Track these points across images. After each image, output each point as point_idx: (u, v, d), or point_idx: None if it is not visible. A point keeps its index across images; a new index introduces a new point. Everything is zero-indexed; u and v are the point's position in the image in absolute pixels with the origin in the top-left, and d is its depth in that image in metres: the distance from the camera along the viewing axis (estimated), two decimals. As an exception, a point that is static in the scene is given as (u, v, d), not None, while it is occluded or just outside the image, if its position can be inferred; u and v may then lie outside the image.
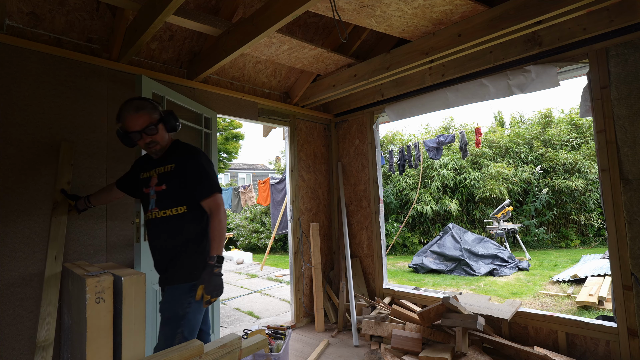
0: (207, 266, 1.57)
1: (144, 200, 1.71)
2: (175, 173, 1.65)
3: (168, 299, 1.62)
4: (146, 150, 1.70)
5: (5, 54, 1.99)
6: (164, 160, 1.70)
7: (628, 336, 2.13)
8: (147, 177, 1.71)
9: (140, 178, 1.75)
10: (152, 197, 1.65)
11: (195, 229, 1.66)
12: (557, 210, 8.29)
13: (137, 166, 1.84)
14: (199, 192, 1.63)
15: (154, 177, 1.68)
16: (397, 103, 3.38)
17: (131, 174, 1.86)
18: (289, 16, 1.95)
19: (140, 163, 1.84)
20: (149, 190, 1.67)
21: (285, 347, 2.53)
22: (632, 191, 2.13)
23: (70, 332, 1.85)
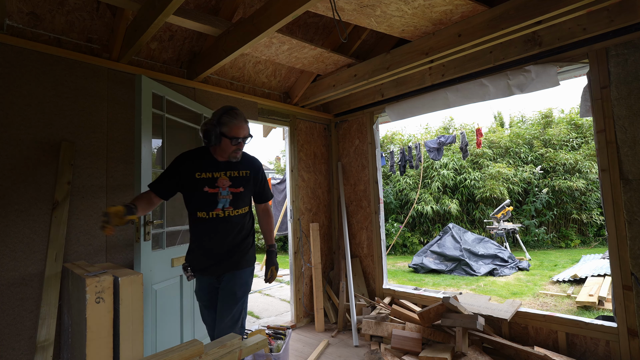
0: (273, 252, 2.02)
1: (204, 198, 1.79)
2: (250, 179, 1.92)
3: (242, 281, 1.88)
4: (231, 155, 1.83)
5: (5, 54, 1.99)
6: (235, 165, 1.88)
7: (628, 336, 2.13)
8: (208, 177, 1.81)
9: (196, 177, 1.79)
10: (223, 197, 1.82)
11: (251, 224, 1.99)
12: (557, 210, 8.29)
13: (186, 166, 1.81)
14: (265, 196, 2.02)
15: (222, 178, 1.83)
16: (397, 103, 3.38)
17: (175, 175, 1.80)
18: (289, 16, 1.95)
19: (192, 163, 1.82)
20: (217, 190, 1.81)
21: (285, 347, 2.53)
22: (632, 191, 2.13)
23: (70, 332, 1.85)
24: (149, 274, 2.13)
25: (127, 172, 2.41)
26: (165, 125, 2.41)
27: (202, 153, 1.88)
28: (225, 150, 1.81)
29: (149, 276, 2.13)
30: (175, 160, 1.85)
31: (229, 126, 1.76)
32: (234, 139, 1.77)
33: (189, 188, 1.81)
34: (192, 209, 1.84)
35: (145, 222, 2.07)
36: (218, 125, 1.76)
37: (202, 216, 1.81)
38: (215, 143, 1.78)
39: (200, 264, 1.86)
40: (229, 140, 1.77)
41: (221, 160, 1.86)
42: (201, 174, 1.80)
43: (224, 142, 1.78)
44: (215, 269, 1.86)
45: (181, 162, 1.83)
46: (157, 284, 2.22)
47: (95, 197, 2.26)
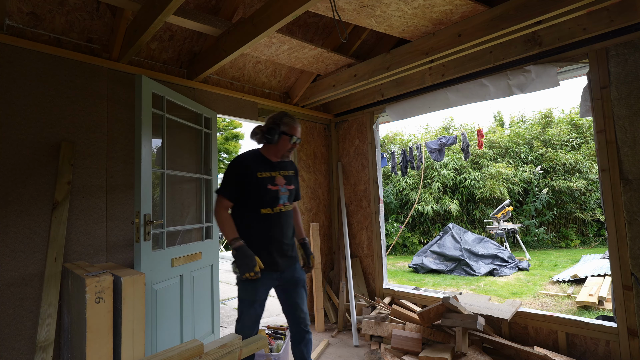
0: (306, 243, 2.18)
1: (268, 195, 1.93)
2: (295, 178, 2.13)
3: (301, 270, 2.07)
4: (285, 154, 2.02)
5: (5, 54, 1.99)
6: (284, 165, 2.06)
7: (628, 336, 2.13)
8: (268, 176, 1.96)
9: (259, 177, 1.92)
10: (283, 193, 1.99)
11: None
12: (557, 210, 8.29)
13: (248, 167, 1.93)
14: (299, 195, 2.18)
15: (279, 177, 2.00)
16: (398, 103, 3.38)
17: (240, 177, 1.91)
18: (289, 16, 1.95)
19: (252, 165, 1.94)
20: (277, 188, 1.97)
21: (285, 347, 2.54)
22: (632, 191, 2.13)
23: (70, 332, 1.85)
24: (149, 274, 2.13)
25: (127, 172, 2.41)
26: (165, 125, 2.41)
27: (256, 155, 2.01)
28: (281, 149, 1.98)
29: (149, 276, 2.13)
30: (235, 164, 1.94)
31: (290, 126, 1.96)
32: (292, 138, 1.96)
33: (253, 187, 1.91)
34: (256, 207, 1.92)
35: (145, 222, 2.08)
36: (279, 126, 1.94)
37: (266, 212, 1.93)
38: (275, 141, 1.94)
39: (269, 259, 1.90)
40: (288, 139, 1.96)
41: (274, 161, 2.02)
42: (262, 173, 1.94)
43: (283, 140, 1.96)
44: (283, 263, 1.96)
45: (242, 165, 1.94)
46: (157, 284, 2.22)
47: (95, 197, 2.26)
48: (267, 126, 1.96)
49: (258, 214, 1.92)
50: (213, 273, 2.84)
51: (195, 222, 2.80)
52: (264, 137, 1.97)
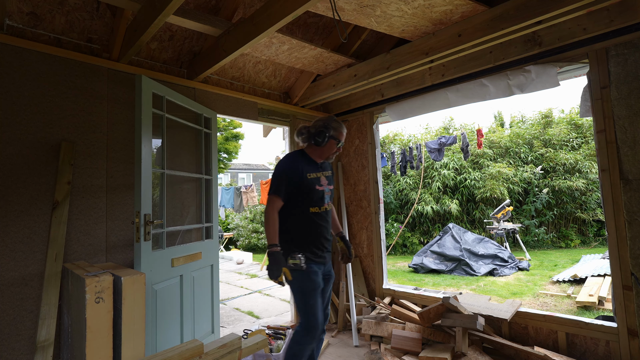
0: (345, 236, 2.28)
1: (316, 196, 2.00)
2: (333, 178, 2.20)
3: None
4: (329, 156, 2.11)
5: (5, 54, 1.99)
6: (325, 166, 2.15)
7: (628, 336, 2.13)
8: (315, 177, 2.04)
9: (308, 178, 1.99)
10: (327, 193, 2.07)
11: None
12: (557, 210, 8.29)
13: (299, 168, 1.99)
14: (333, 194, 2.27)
15: (322, 177, 2.08)
16: (398, 103, 3.38)
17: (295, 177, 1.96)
18: (289, 16, 1.95)
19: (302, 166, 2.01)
20: (323, 188, 2.05)
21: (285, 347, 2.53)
22: (632, 191, 2.13)
23: (70, 332, 1.85)
24: (149, 274, 2.13)
25: (127, 172, 2.41)
26: (165, 125, 2.41)
27: (303, 156, 2.08)
28: (326, 151, 2.07)
29: (149, 276, 2.13)
30: (289, 165, 2.00)
31: (338, 131, 2.04)
32: (339, 142, 2.06)
33: (304, 188, 1.97)
34: (305, 206, 1.99)
35: (145, 222, 2.08)
36: (329, 130, 2.02)
37: (315, 211, 2.01)
38: (323, 144, 2.02)
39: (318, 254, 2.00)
40: (335, 142, 2.04)
41: (318, 162, 2.10)
42: (310, 174, 2.01)
43: (330, 144, 2.04)
44: (327, 258, 2.08)
45: (294, 165, 2.00)
46: (157, 284, 2.22)
47: (95, 197, 2.26)
48: (316, 129, 2.02)
49: (307, 213, 1.99)
50: (213, 273, 2.84)
51: (195, 222, 2.80)
52: (311, 139, 2.04)
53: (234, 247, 10.73)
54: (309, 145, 2.09)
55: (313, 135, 2.03)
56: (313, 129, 2.04)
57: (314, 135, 2.02)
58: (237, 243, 10.68)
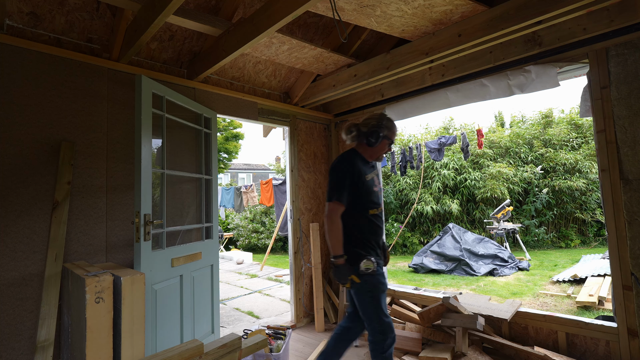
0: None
1: (375, 197, 1.97)
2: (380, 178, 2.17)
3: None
4: (379, 156, 2.04)
5: (5, 54, 1.99)
6: (375, 166, 2.10)
7: (628, 336, 2.13)
8: (371, 178, 1.99)
9: (367, 179, 1.95)
10: (380, 194, 2.04)
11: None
12: (557, 210, 8.28)
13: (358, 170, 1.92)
14: None
15: (375, 178, 2.04)
16: (398, 103, 3.38)
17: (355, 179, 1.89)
18: (289, 16, 1.95)
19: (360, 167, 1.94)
20: (377, 189, 2.02)
21: (285, 347, 2.53)
22: (632, 191, 2.13)
23: (70, 332, 1.85)
24: (149, 274, 2.13)
25: (127, 172, 2.41)
26: (165, 125, 2.41)
27: (358, 156, 1.98)
28: (378, 151, 2.00)
29: (149, 276, 2.13)
30: (348, 167, 1.89)
31: (391, 130, 1.99)
32: (391, 142, 2.01)
33: (364, 190, 1.91)
34: (364, 208, 1.92)
35: (145, 222, 2.08)
36: (382, 129, 1.95)
37: (373, 213, 1.96)
38: (375, 144, 1.96)
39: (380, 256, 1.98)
40: (387, 142, 1.99)
41: (369, 162, 2.04)
42: (367, 175, 1.96)
43: (382, 143, 1.98)
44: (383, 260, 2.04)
45: (354, 168, 1.90)
46: (157, 284, 2.22)
47: (95, 197, 2.26)
48: (368, 128, 1.94)
49: (367, 216, 1.93)
50: (213, 273, 2.84)
51: (195, 222, 2.80)
52: (363, 138, 1.96)
53: (234, 247, 10.73)
54: (360, 144, 2.00)
55: (365, 134, 1.95)
56: (365, 128, 1.95)
57: (366, 135, 1.94)
58: (237, 243, 10.68)
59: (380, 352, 1.86)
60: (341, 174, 1.87)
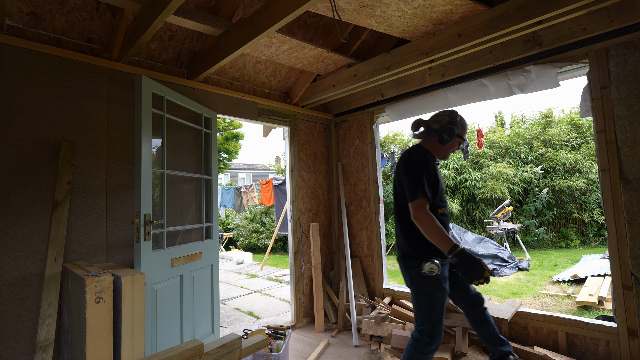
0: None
1: (443, 195, 1.93)
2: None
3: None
4: (446, 155, 1.98)
5: (5, 54, 1.99)
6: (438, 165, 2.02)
7: (628, 336, 2.13)
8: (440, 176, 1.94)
9: (439, 177, 1.92)
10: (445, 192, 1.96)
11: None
12: (557, 210, 8.28)
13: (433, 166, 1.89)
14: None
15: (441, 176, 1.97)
16: (397, 103, 3.38)
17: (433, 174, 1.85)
18: (289, 16, 1.95)
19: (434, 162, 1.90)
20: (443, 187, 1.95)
21: (285, 347, 2.54)
22: (632, 191, 2.13)
23: (70, 332, 1.85)
24: (149, 274, 2.13)
25: (127, 172, 2.41)
26: (165, 125, 2.41)
27: (428, 152, 1.93)
28: (448, 149, 1.95)
29: (149, 276, 2.13)
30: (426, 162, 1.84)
31: (464, 128, 1.94)
32: (463, 140, 1.96)
33: (438, 187, 1.88)
34: (434, 207, 1.87)
35: (145, 222, 2.08)
36: (456, 127, 1.89)
37: (442, 212, 1.91)
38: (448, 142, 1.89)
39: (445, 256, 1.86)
40: (459, 140, 1.94)
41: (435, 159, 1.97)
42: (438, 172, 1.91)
43: (455, 141, 1.92)
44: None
45: (431, 163, 1.86)
46: (157, 284, 2.22)
47: (95, 197, 2.26)
48: (441, 125, 1.88)
49: (437, 214, 1.86)
50: (213, 273, 2.84)
51: (195, 222, 2.81)
52: (434, 135, 1.90)
53: (234, 247, 10.73)
54: (428, 141, 1.94)
55: (437, 131, 1.88)
56: (436, 125, 1.89)
57: (439, 132, 1.88)
58: (237, 243, 10.68)
59: (420, 352, 1.82)
60: (422, 169, 1.81)
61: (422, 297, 1.84)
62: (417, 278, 1.85)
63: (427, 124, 1.94)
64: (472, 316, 2.05)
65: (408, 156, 1.87)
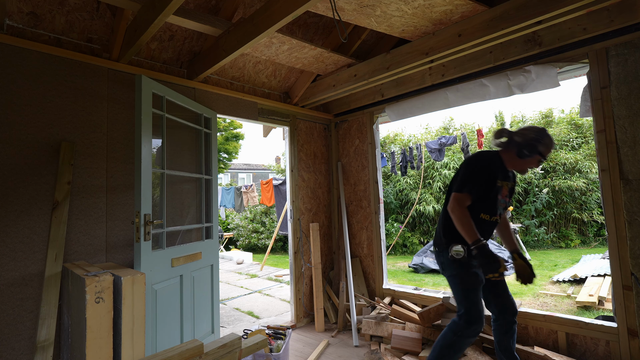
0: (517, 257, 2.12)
1: (494, 204, 1.95)
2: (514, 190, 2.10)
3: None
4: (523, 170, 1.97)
5: (5, 54, 1.99)
6: (511, 177, 2.05)
7: (628, 336, 2.13)
8: (500, 185, 1.95)
9: (497, 185, 1.93)
10: (501, 205, 1.99)
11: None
12: (557, 210, 8.28)
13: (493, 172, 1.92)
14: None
15: (505, 188, 1.99)
16: (397, 103, 3.38)
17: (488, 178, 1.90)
18: (289, 16, 1.95)
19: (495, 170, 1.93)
20: (502, 199, 1.98)
21: (285, 347, 2.54)
22: (632, 191, 2.13)
23: (70, 332, 1.85)
24: (149, 274, 2.13)
25: (127, 172, 2.41)
26: (165, 125, 2.41)
27: (499, 160, 1.96)
28: (525, 164, 1.94)
29: (149, 276, 2.13)
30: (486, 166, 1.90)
31: (549, 148, 1.90)
32: (544, 159, 1.93)
33: (489, 193, 1.92)
34: (478, 210, 1.94)
35: (145, 222, 2.08)
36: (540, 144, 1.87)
37: (484, 218, 1.96)
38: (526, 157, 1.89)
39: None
40: (539, 158, 1.90)
41: (508, 171, 2.00)
42: (500, 181, 1.94)
43: (533, 159, 1.91)
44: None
45: (491, 168, 1.91)
46: (157, 284, 2.22)
47: (95, 197, 2.26)
48: (525, 139, 1.87)
49: (477, 217, 1.93)
50: (213, 273, 2.84)
51: (195, 222, 2.81)
52: (514, 147, 1.90)
53: (234, 247, 10.73)
54: (507, 151, 1.95)
55: (519, 145, 1.88)
56: (520, 138, 1.89)
57: (520, 146, 1.88)
58: (237, 243, 10.68)
59: (454, 333, 1.91)
60: (477, 169, 1.89)
61: (454, 281, 1.96)
62: (447, 263, 1.98)
63: (510, 134, 1.95)
64: (500, 322, 2.06)
65: (476, 156, 1.95)
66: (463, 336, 1.89)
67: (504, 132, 1.97)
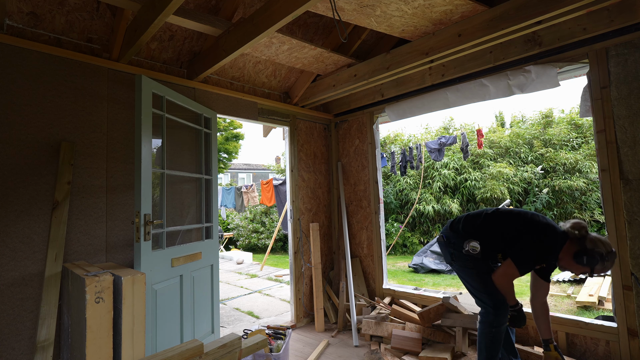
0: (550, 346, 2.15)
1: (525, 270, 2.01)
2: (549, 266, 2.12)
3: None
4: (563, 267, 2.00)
5: (5, 54, 1.99)
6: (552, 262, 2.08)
7: (628, 336, 2.13)
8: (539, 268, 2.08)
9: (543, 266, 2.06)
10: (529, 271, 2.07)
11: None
12: (558, 210, 8.28)
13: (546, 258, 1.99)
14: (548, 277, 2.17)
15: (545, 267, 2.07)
16: (397, 103, 3.38)
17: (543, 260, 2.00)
18: (289, 16, 1.95)
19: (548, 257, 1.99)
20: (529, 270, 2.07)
21: (285, 347, 2.54)
22: (632, 191, 2.13)
23: (70, 332, 1.85)
24: (149, 274, 2.13)
25: (127, 172, 2.41)
26: (165, 125, 2.41)
27: (558, 247, 1.95)
28: (571, 265, 1.94)
29: (149, 276, 2.13)
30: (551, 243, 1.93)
31: (605, 268, 1.88)
32: (592, 273, 1.91)
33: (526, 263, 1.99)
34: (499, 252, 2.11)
35: (145, 222, 2.08)
36: (600, 262, 1.86)
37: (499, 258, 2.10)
38: (579, 264, 1.90)
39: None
40: (588, 270, 1.90)
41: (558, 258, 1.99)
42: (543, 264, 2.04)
43: (584, 267, 1.90)
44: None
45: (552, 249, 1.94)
46: (157, 283, 2.22)
47: (95, 197, 2.26)
48: (589, 251, 1.85)
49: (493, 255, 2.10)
50: (213, 273, 2.84)
51: (195, 222, 2.81)
52: (577, 247, 1.90)
53: (234, 247, 10.73)
54: (570, 243, 1.92)
55: (582, 250, 1.87)
56: (590, 244, 1.86)
57: (582, 252, 1.86)
58: (237, 243, 10.68)
59: (490, 325, 2.00)
60: (542, 250, 1.94)
61: (468, 270, 2.08)
62: (457, 254, 2.10)
63: (584, 235, 1.91)
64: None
65: (545, 231, 1.94)
66: (499, 324, 1.99)
67: (582, 229, 1.91)
